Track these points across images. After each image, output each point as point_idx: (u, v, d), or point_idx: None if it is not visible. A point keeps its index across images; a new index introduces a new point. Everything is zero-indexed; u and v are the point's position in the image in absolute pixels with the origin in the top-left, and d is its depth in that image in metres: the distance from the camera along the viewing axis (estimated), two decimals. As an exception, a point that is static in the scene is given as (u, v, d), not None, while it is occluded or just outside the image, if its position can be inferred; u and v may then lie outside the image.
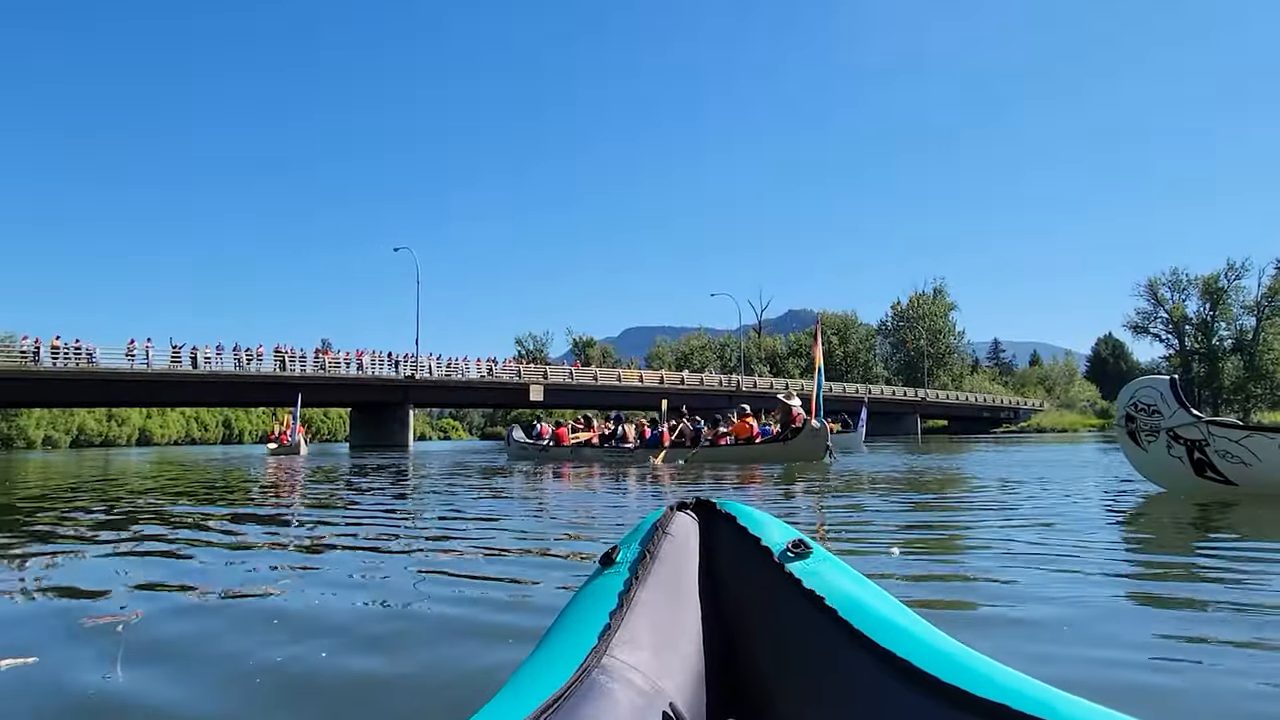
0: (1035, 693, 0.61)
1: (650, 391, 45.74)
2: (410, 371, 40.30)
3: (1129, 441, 6.33)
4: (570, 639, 0.75)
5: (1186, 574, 2.92)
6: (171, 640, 2.14)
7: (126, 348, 33.19)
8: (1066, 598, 2.42)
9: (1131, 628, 2.07)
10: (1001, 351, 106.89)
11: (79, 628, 2.26)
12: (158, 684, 1.76)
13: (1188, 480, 5.98)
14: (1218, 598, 2.39)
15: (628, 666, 0.71)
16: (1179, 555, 3.40)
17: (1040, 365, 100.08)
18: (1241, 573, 2.83)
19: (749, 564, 0.87)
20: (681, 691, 0.75)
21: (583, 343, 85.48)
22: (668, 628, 0.80)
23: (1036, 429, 68.37)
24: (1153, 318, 78.36)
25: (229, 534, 4.61)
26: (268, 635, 2.15)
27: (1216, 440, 5.86)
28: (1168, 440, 6.07)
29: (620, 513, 5.58)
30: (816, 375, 13.30)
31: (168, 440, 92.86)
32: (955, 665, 0.66)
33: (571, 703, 0.63)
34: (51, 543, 4.30)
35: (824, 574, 0.82)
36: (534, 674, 0.69)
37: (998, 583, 2.68)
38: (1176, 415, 6.02)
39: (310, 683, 1.76)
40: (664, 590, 0.83)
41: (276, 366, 36.96)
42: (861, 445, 26.72)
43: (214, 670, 1.86)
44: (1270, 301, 72.13)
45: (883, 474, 9.56)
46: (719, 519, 0.94)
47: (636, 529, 0.95)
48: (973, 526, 4.55)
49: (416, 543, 4.20)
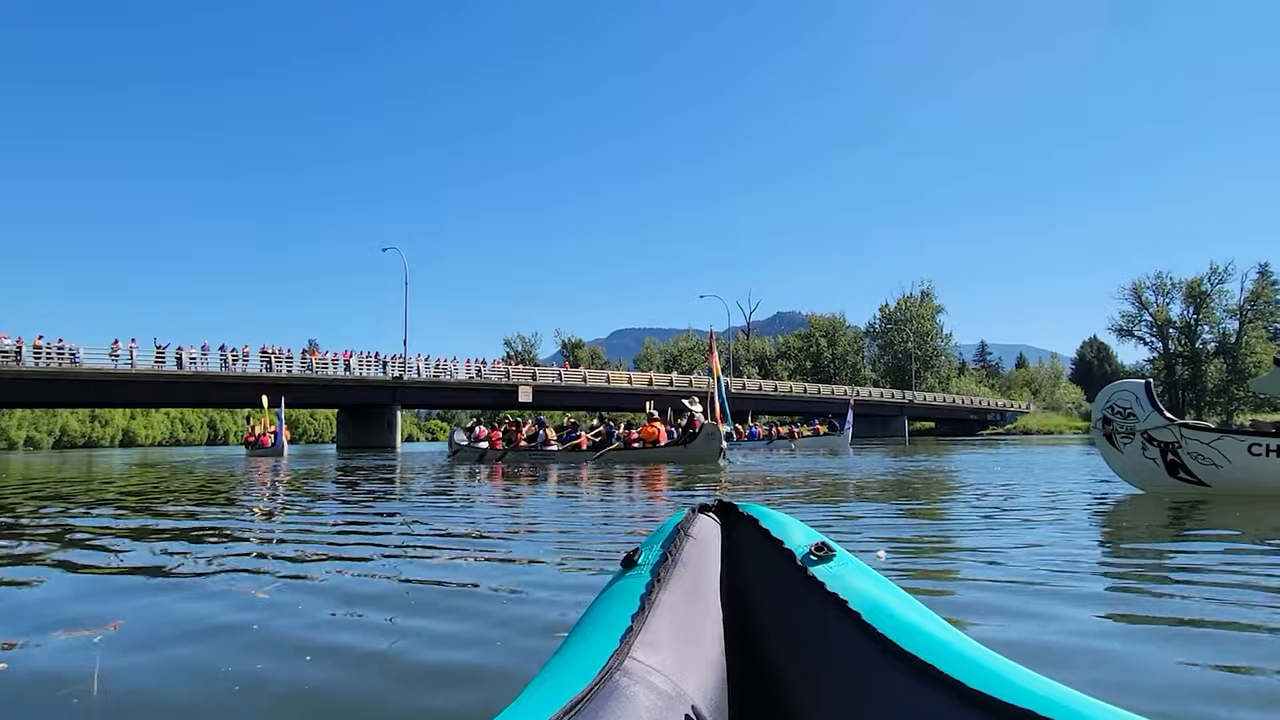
0: (1063, 699, 0.60)
1: (639, 393, 45.73)
2: (398, 373, 40.10)
3: (1106, 444, 6.48)
4: (592, 641, 0.75)
5: (1159, 574, 2.99)
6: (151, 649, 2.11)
7: (110, 348, 32.88)
8: (1041, 599, 2.50)
9: (1100, 620, 2.21)
10: (988, 354, 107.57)
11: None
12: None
13: (1162, 481, 6.14)
14: (1195, 612, 2.39)
15: (650, 669, 0.71)
16: (1149, 556, 3.48)
17: (1026, 368, 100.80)
18: (1228, 570, 2.91)
19: (771, 567, 0.87)
20: (703, 694, 0.75)
21: (571, 344, 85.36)
22: (690, 630, 0.80)
23: (1023, 431, 68.88)
24: (1137, 321, 78.97)
25: (201, 533, 4.58)
26: (243, 649, 2.12)
27: (1189, 443, 6.01)
28: (1142, 442, 6.21)
29: (520, 507, 6.15)
30: (715, 382, 14.08)
31: (152, 441, 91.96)
32: (982, 670, 0.65)
33: (594, 705, 0.63)
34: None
35: (847, 577, 0.82)
36: (556, 676, 0.69)
37: (979, 581, 2.77)
38: (1151, 418, 6.16)
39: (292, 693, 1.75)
40: (685, 593, 0.83)
41: (263, 367, 36.68)
42: (848, 447, 26.94)
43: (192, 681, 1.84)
44: (1253, 305, 72.89)
45: (801, 474, 9.77)
46: (741, 521, 0.94)
47: (659, 531, 0.95)
48: (956, 526, 4.65)
49: (311, 548, 4.15)
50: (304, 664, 1.91)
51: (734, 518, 0.95)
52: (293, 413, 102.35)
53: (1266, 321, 71.98)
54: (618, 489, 8.13)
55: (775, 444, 30.72)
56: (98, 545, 4.25)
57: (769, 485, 8.44)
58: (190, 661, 1.96)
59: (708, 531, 0.93)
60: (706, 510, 0.96)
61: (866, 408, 58.97)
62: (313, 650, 2.01)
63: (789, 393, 60.96)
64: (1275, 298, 72.96)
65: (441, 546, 3.97)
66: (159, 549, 4.02)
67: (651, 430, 15.40)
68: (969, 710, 0.62)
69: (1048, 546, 3.60)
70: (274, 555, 3.90)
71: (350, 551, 3.89)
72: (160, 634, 2.24)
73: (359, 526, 5.01)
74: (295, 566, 3.44)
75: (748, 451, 23.82)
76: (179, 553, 3.85)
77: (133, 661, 1.97)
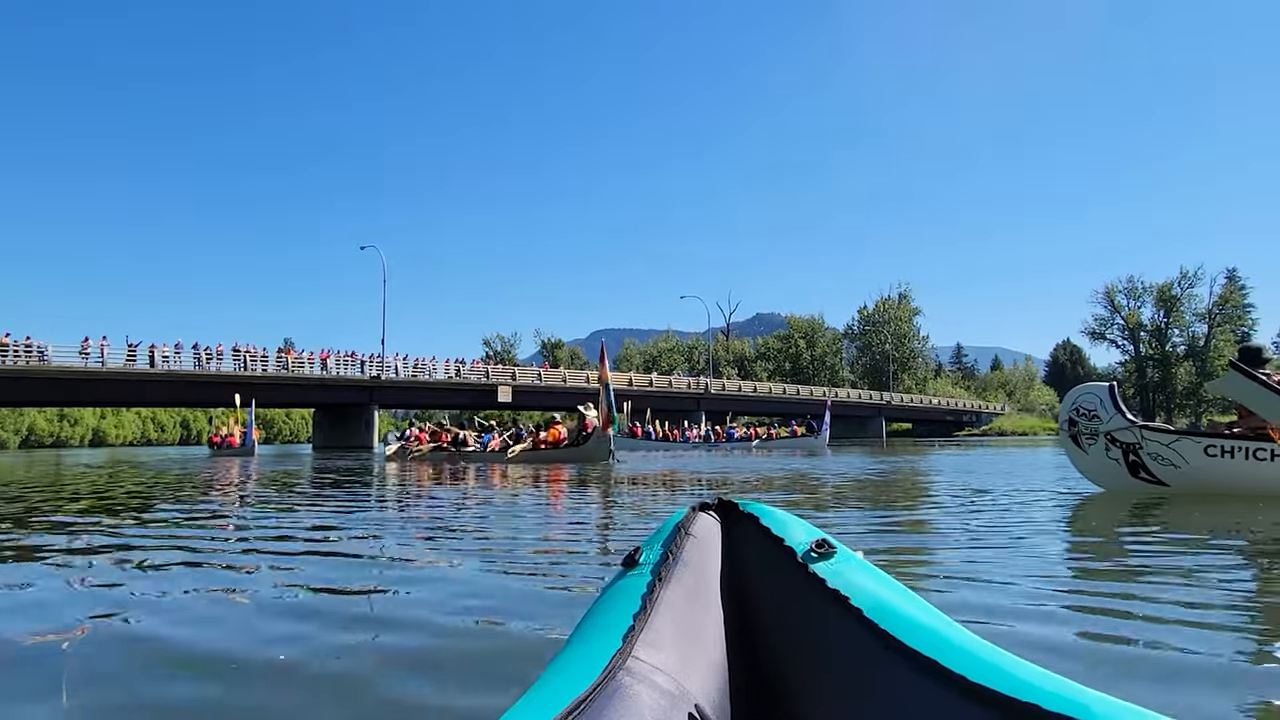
0: (1067, 692, 0.60)
1: (619, 394, 45.68)
2: (375, 372, 39.79)
3: (1071, 444, 6.68)
4: (595, 640, 0.74)
5: (1117, 569, 3.11)
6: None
7: (80, 345, 32.31)
8: (1003, 590, 2.62)
9: (1059, 610, 2.35)
10: (964, 356, 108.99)
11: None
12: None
13: (1124, 481, 6.34)
14: (1147, 594, 2.57)
15: (652, 668, 0.70)
16: (1109, 552, 3.62)
17: (1001, 370, 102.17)
18: (1176, 570, 3.01)
19: (773, 564, 0.87)
20: (706, 693, 0.74)
21: (551, 344, 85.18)
22: (692, 629, 0.79)
23: (998, 432, 69.74)
24: (1109, 324, 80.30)
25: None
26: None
27: (1149, 444, 6.22)
28: (1106, 443, 6.41)
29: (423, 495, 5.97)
30: (604, 391, 15.49)
31: (123, 441, 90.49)
32: (984, 665, 0.65)
33: (597, 704, 0.63)
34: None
35: (849, 574, 0.82)
36: (560, 675, 0.68)
37: (952, 578, 2.86)
38: (1114, 420, 6.36)
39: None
40: (687, 591, 0.83)
41: (237, 366, 36.23)
42: (825, 448, 27.15)
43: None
44: (1221, 309, 74.43)
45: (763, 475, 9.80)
46: (741, 519, 0.94)
47: (659, 530, 0.94)
48: (926, 524, 4.81)
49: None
50: (278, 668, 1.88)
51: (734, 516, 0.95)
52: (268, 412, 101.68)
53: (1234, 325, 73.48)
54: (494, 483, 9.23)
55: (753, 445, 30.87)
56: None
57: (659, 484, 8.97)
58: (163, 671, 1.92)
59: (708, 530, 0.92)
60: (707, 508, 0.96)
61: (844, 409, 59.44)
62: (279, 653, 1.98)
63: (768, 394, 61.29)
64: (1242, 302, 74.61)
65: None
66: (105, 557, 3.94)
67: (555, 432, 17.05)
68: (972, 705, 0.61)
69: (1013, 544, 3.71)
70: (210, 560, 3.83)
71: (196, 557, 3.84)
72: (127, 643, 2.18)
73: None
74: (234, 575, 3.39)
75: (727, 452, 23.86)
76: (128, 564, 3.78)
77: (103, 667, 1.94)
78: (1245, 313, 74.67)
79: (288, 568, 3.37)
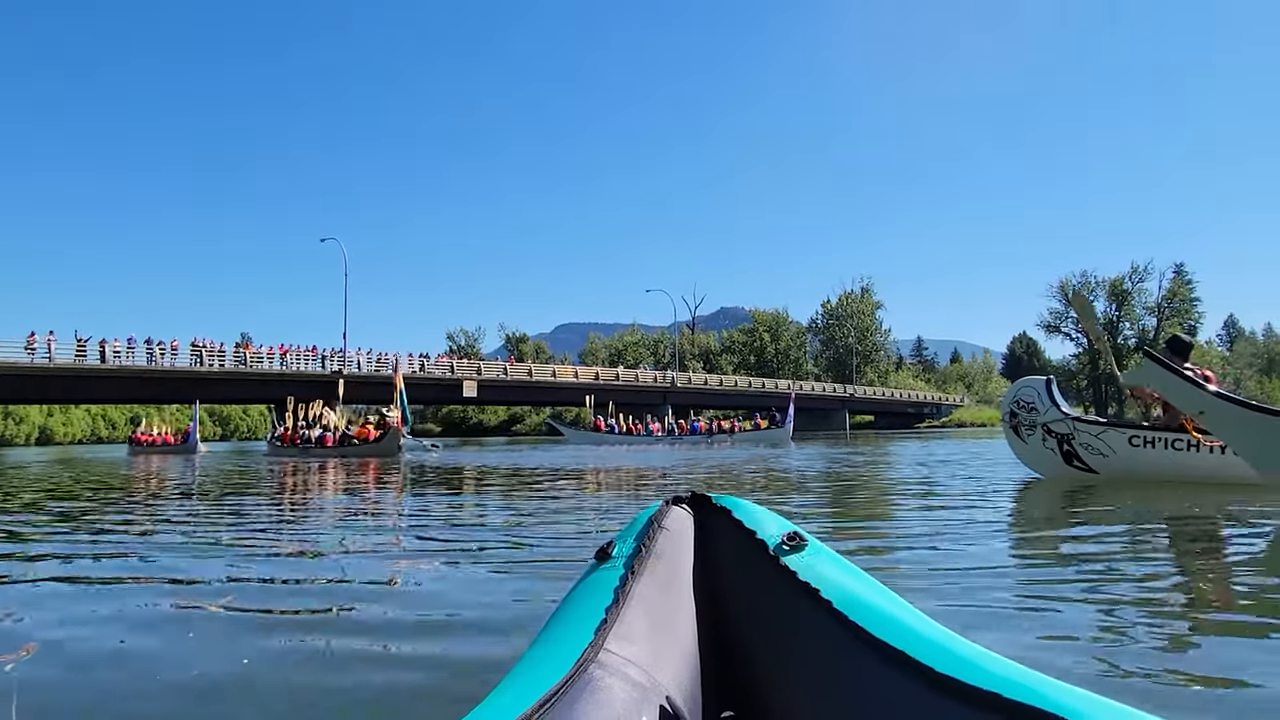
0: (1030, 682, 0.61)
1: (584, 388, 45.64)
2: (337, 367, 39.14)
3: (1012, 434, 7.14)
4: (567, 633, 0.75)
5: (1050, 552, 3.42)
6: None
7: (26, 340, 31.20)
8: (947, 568, 2.84)
9: (997, 581, 2.62)
10: (924, 349, 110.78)
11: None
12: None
13: (1059, 468, 6.77)
14: (1075, 568, 2.90)
15: (624, 661, 0.71)
16: (1042, 530, 4.04)
17: (960, 363, 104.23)
18: (1099, 550, 3.34)
19: (745, 557, 0.87)
20: (678, 685, 0.75)
21: (515, 339, 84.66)
22: (664, 622, 0.80)
23: (957, 424, 71.29)
24: (1064, 317, 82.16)
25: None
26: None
27: (1080, 434, 6.64)
28: (1043, 434, 6.84)
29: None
30: (398, 397, 18.97)
31: (71, 439, 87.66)
32: (950, 655, 0.66)
33: (569, 697, 0.63)
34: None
35: (819, 566, 0.83)
36: (531, 668, 0.69)
37: (901, 551, 3.15)
38: (1050, 412, 6.81)
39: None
40: (660, 584, 0.83)
41: (193, 361, 35.33)
42: (789, 440, 27.45)
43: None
44: (1170, 303, 76.97)
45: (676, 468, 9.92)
46: (714, 512, 0.94)
47: (632, 524, 0.94)
48: (889, 512, 5.08)
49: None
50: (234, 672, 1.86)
51: (707, 509, 0.95)
52: (224, 409, 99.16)
53: (1181, 318, 76.02)
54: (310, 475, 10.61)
55: (715, 438, 31.08)
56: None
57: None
58: (117, 685, 1.85)
59: (681, 523, 0.93)
60: (680, 502, 0.96)
61: (809, 402, 60.09)
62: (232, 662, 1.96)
63: (733, 387, 61.70)
64: (1190, 295, 77.29)
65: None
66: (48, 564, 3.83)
67: (365, 430, 20.10)
68: (937, 694, 0.63)
69: (963, 530, 3.96)
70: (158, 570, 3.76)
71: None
72: (78, 657, 2.08)
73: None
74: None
75: (691, 446, 23.97)
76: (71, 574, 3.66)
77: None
78: (1192, 306, 77.43)
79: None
